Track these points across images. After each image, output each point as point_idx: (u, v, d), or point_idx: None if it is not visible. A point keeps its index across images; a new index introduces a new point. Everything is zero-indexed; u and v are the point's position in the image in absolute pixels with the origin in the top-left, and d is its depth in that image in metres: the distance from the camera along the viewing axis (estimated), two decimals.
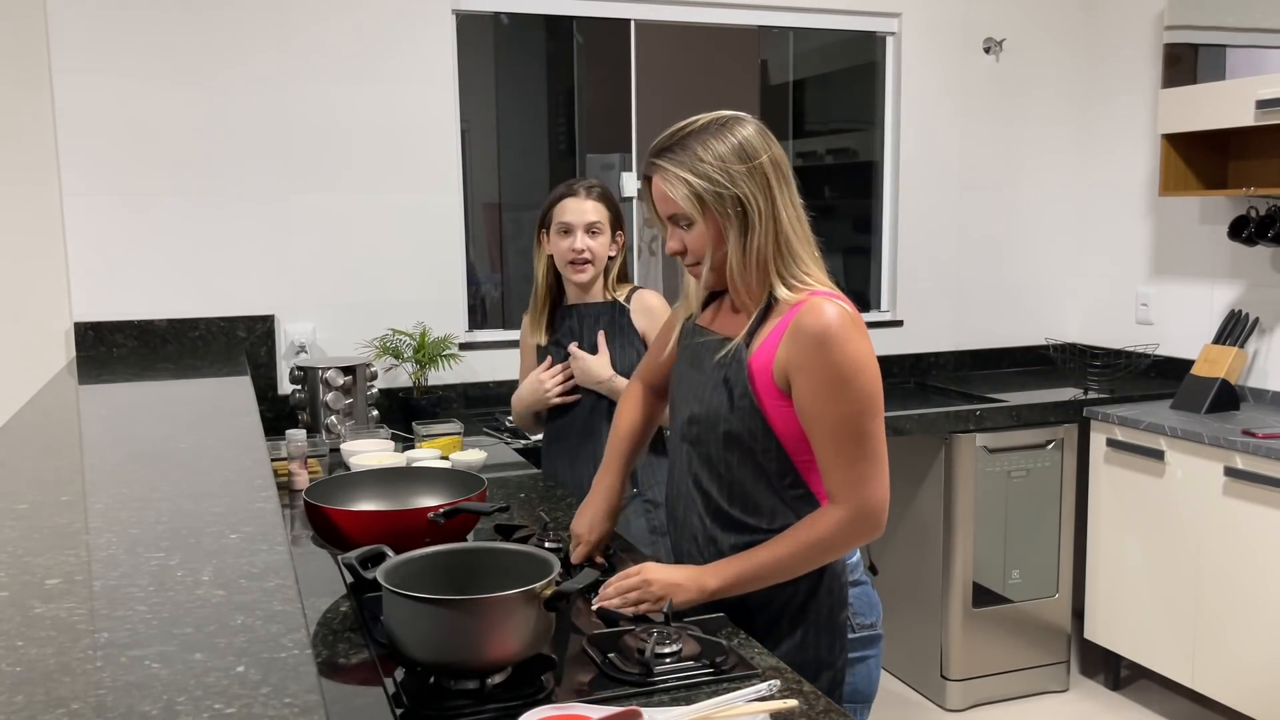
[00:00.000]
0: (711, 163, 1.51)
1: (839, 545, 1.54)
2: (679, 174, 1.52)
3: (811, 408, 1.51)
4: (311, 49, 3.14)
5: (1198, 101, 3.31)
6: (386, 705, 1.30)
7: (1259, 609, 2.94)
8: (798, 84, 4.28)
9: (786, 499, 1.58)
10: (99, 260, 3.01)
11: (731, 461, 1.59)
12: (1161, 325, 3.84)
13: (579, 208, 2.41)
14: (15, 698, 0.80)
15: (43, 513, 1.30)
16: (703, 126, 1.54)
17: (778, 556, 1.53)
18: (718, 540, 1.63)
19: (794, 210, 1.56)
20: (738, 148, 1.52)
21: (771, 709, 1.27)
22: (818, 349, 1.48)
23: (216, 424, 1.99)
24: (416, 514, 1.72)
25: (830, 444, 1.51)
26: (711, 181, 1.51)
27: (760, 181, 1.52)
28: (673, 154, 1.54)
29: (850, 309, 1.51)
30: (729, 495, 1.61)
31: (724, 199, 1.52)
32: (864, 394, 1.49)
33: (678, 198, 1.54)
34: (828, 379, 1.48)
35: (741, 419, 1.56)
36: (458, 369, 3.33)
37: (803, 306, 1.51)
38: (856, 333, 1.50)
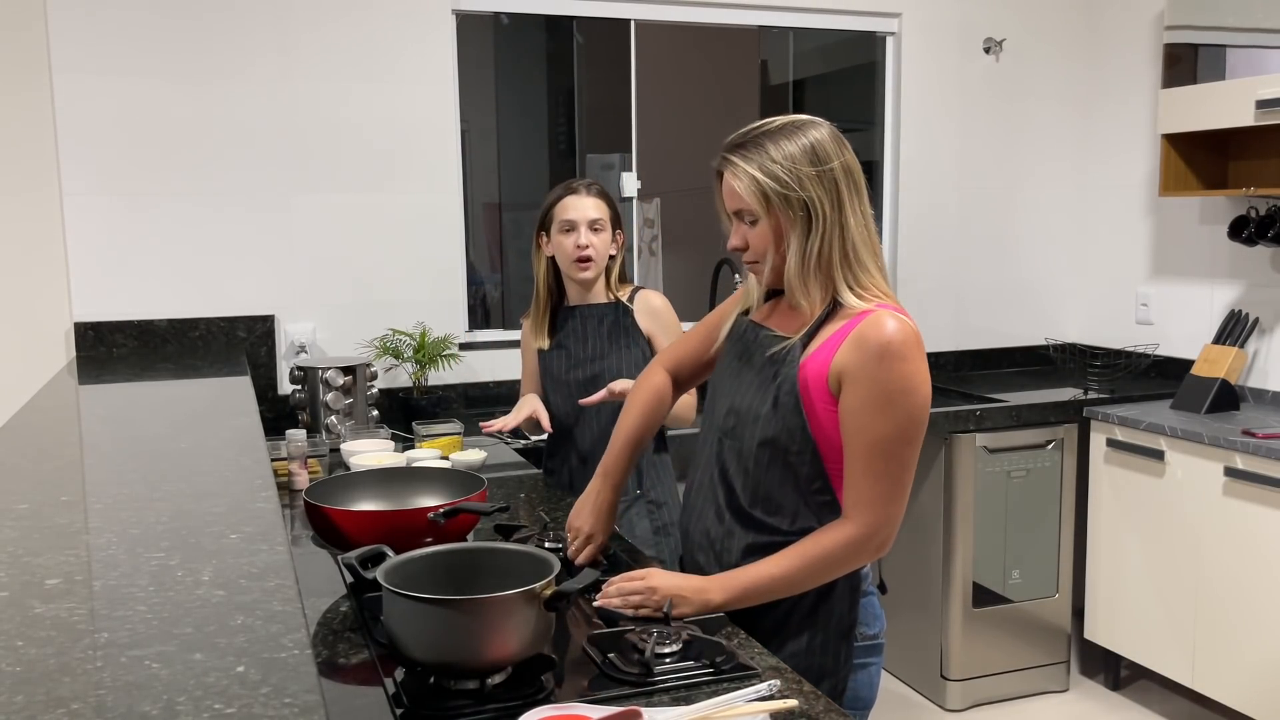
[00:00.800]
0: (781, 162, 1.52)
1: (845, 562, 1.54)
2: (749, 170, 1.53)
3: (855, 418, 1.50)
4: (311, 49, 3.14)
5: (1198, 101, 3.31)
6: (386, 705, 1.30)
7: (1259, 609, 2.94)
8: (798, 84, 4.28)
9: (811, 503, 1.57)
10: (99, 260, 3.01)
11: (763, 459, 1.58)
12: (1161, 325, 3.84)
13: (580, 204, 2.41)
14: (15, 698, 0.80)
15: (43, 513, 1.30)
16: (778, 127, 1.55)
17: (784, 572, 1.53)
18: (734, 535, 1.62)
19: (862, 219, 1.56)
20: (809, 150, 1.53)
21: (771, 709, 1.27)
22: (876, 361, 1.48)
23: (216, 424, 1.99)
24: (416, 514, 1.72)
25: (861, 457, 1.51)
26: (779, 181, 1.52)
27: (829, 186, 1.53)
28: (745, 150, 1.55)
29: (915, 328, 1.52)
30: (753, 493, 1.60)
31: (790, 200, 1.52)
32: (909, 416, 1.50)
33: (744, 193, 1.54)
34: (878, 393, 1.48)
35: (782, 417, 1.55)
36: (458, 369, 3.33)
37: (869, 316, 1.51)
38: (916, 352, 1.50)
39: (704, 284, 3.66)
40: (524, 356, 2.67)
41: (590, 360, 2.49)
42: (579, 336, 2.49)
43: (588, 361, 2.49)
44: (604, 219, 2.43)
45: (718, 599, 1.54)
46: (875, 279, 1.56)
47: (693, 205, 4.24)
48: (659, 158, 3.78)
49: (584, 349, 2.49)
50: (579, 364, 2.49)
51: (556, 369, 2.53)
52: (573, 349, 2.51)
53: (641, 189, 3.68)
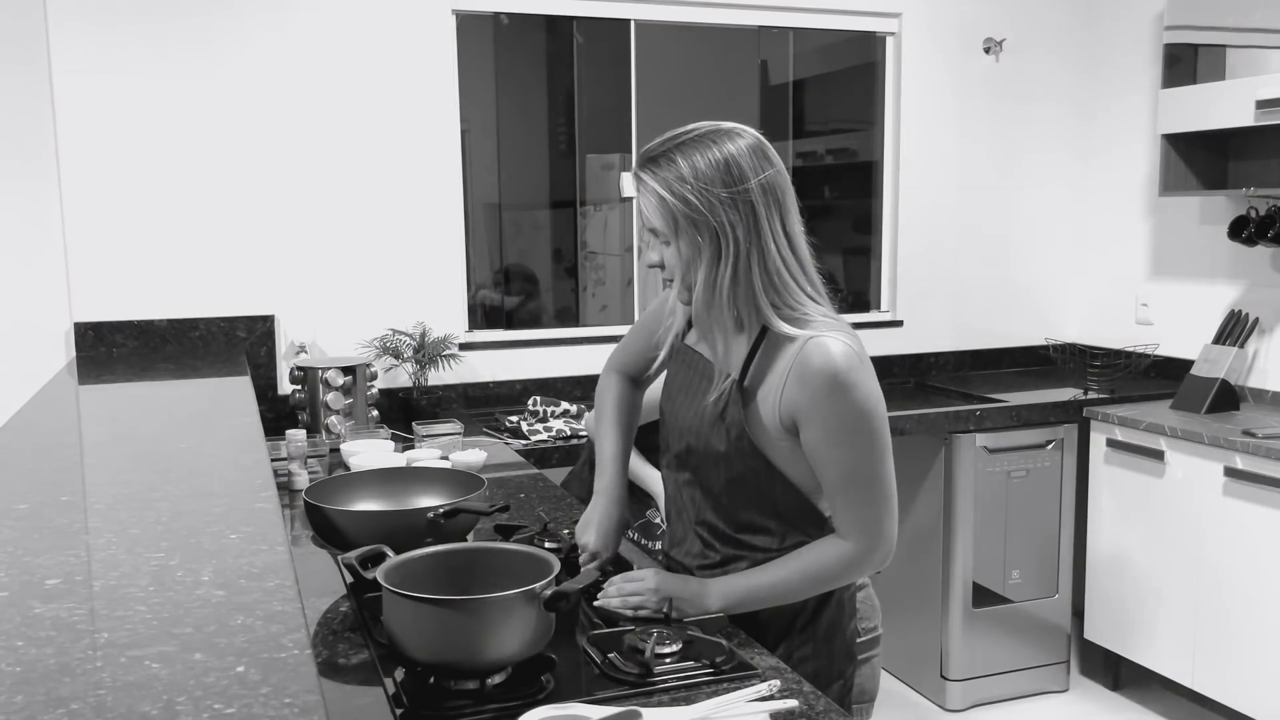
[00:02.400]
0: (691, 183, 1.41)
1: (844, 577, 1.54)
2: (657, 189, 1.44)
3: (820, 453, 1.47)
4: (311, 49, 3.14)
5: (1198, 101, 3.31)
6: (386, 705, 1.30)
7: (1259, 609, 2.94)
8: (798, 84, 4.28)
9: (796, 521, 1.56)
10: (99, 260, 3.01)
11: (735, 494, 1.56)
12: (1161, 325, 3.84)
13: None
14: (15, 698, 0.80)
15: (43, 513, 1.30)
16: (693, 139, 1.45)
17: (782, 581, 1.52)
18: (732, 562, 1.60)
19: (784, 239, 1.46)
20: (724, 168, 1.42)
21: (771, 709, 1.27)
22: (827, 394, 1.42)
23: (216, 424, 1.99)
24: (416, 514, 1.72)
25: (840, 487, 1.48)
26: (687, 204, 1.42)
27: (744, 209, 1.42)
28: (655, 166, 1.45)
29: (856, 346, 1.45)
30: (735, 524, 1.58)
31: (697, 224, 1.43)
32: (873, 438, 1.46)
33: (650, 214, 1.47)
34: (837, 425, 1.44)
35: (742, 458, 1.52)
36: (458, 369, 3.33)
37: (809, 346, 1.44)
38: (864, 374, 1.45)
39: None
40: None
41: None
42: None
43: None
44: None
45: (715, 604, 1.53)
46: (801, 300, 1.47)
47: None
48: None
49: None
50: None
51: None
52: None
53: None
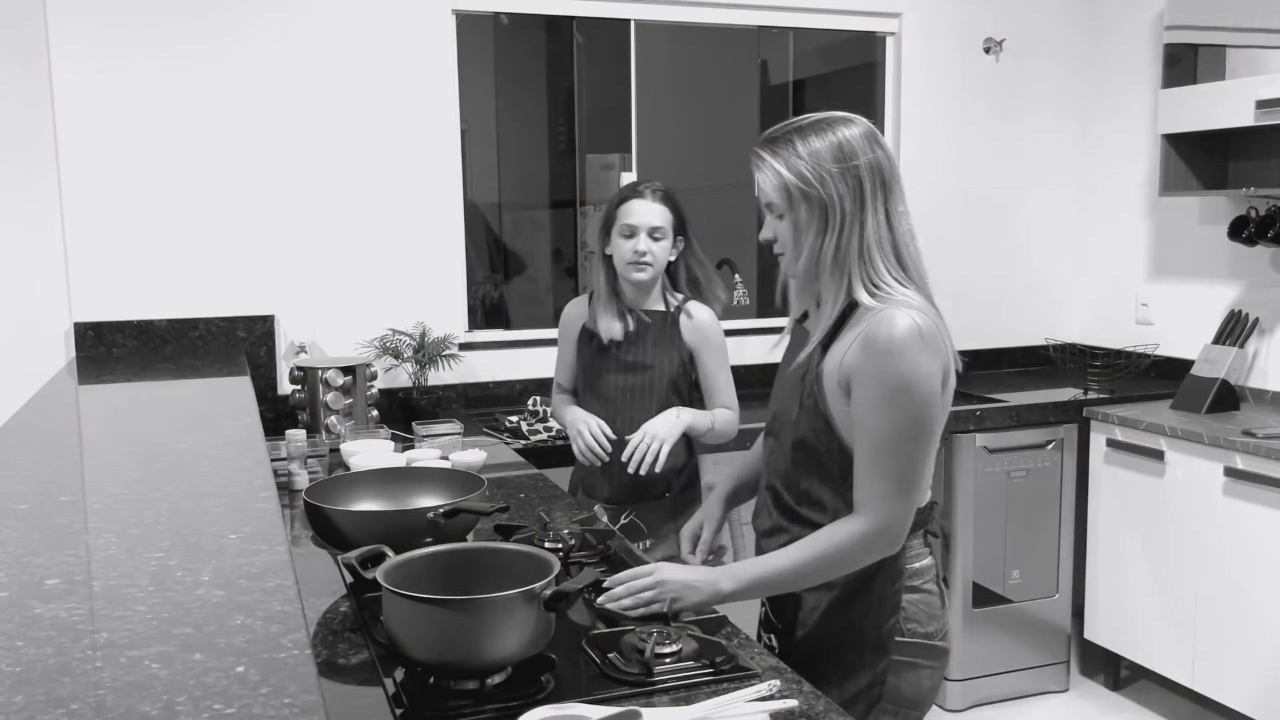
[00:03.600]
0: (806, 159, 1.53)
1: (856, 558, 1.55)
2: (774, 165, 1.56)
3: (860, 415, 1.52)
4: (311, 49, 3.14)
5: (1198, 101, 3.31)
6: (386, 705, 1.30)
7: (1259, 609, 2.94)
8: (798, 84, 4.28)
9: (847, 499, 1.58)
10: (99, 260, 3.01)
11: (799, 459, 1.63)
12: (1161, 325, 3.84)
13: (645, 210, 2.38)
14: (15, 698, 0.80)
15: (43, 513, 1.30)
16: (811, 124, 1.56)
17: (794, 564, 1.54)
18: (786, 531, 1.65)
19: (885, 217, 1.55)
20: (836, 147, 1.54)
21: (771, 709, 1.27)
22: (877, 358, 1.49)
23: (216, 424, 1.99)
24: (416, 514, 1.72)
25: (867, 455, 1.52)
26: (800, 177, 1.54)
27: (851, 184, 1.53)
28: (773, 146, 1.57)
29: (924, 324, 1.49)
30: (796, 493, 1.64)
31: (810, 197, 1.54)
32: (907, 414, 1.49)
33: (768, 188, 1.58)
34: (879, 390, 1.49)
35: (808, 419, 1.59)
36: (458, 369, 3.33)
37: (880, 315, 1.51)
38: (921, 348, 1.48)
39: None
40: (561, 347, 2.62)
41: (635, 368, 2.46)
42: (629, 337, 2.46)
43: (633, 368, 2.46)
44: (666, 226, 2.40)
45: (727, 587, 1.54)
46: (889, 278, 1.54)
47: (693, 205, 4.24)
48: (659, 158, 3.78)
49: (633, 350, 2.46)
50: (623, 369, 2.46)
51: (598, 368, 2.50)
52: (616, 352, 2.48)
53: None
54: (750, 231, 4.42)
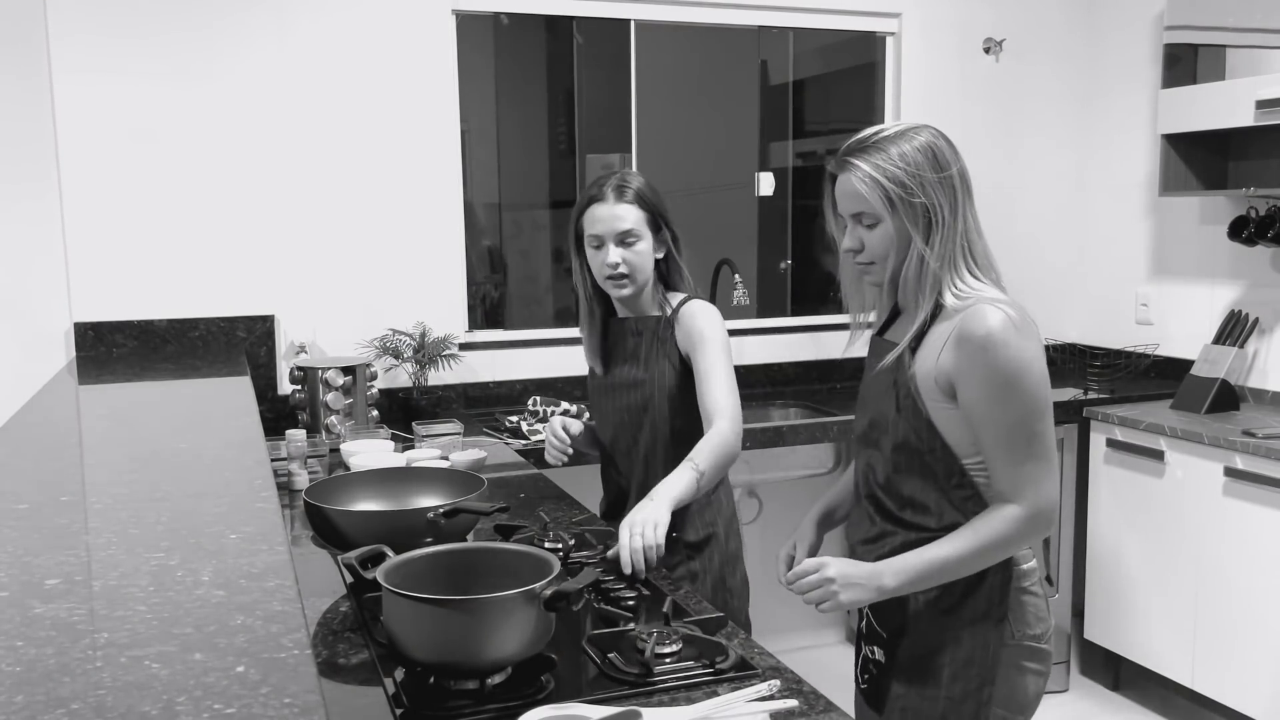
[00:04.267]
0: (904, 166, 1.56)
1: (1013, 543, 1.56)
2: (874, 173, 1.57)
3: (979, 413, 1.54)
4: (311, 49, 3.14)
5: (1198, 101, 3.31)
6: (386, 705, 1.30)
7: (1259, 609, 2.94)
8: (798, 84, 4.28)
9: (954, 499, 1.60)
10: (99, 260, 3.01)
11: (900, 463, 1.63)
12: (1161, 325, 3.84)
13: (608, 215, 2.05)
14: (15, 698, 0.80)
15: (43, 513, 1.30)
16: (897, 133, 1.59)
17: (956, 554, 1.55)
18: (892, 536, 1.65)
19: (973, 223, 1.62)
20: (931, 156, 1.57)
21: (771, 709, 1.27)
22: (981, 353, 1.51)
23: (216, 424, 1.99)
24: (416, 514, 1.72)
25: (1001, 446, 1.54)
26: (901, 185, 1.56)
27: (948, 191, 1.58)
28: (868, 153, 1.58)
29: (1016, 315, 1.54)
30: (899, 498, 1.64)
31: (913, 204, 1.56)
32: (1031, 395, 1.52)
33: (868, 194, 1.57)
34: (993, 383, 1.52)
35: (907, 420, 1.60)
36: (458, 369, 3.33)
37: (968, 312, 1.54)
38: (1019, 336, 1.52)
39: (704, 284, 3.66)
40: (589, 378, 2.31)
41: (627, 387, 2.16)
42: (620, 353, 2.18)
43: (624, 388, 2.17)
44: (637, 226, 2.05)
45: (891, 583, 1.56)
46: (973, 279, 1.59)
47: (693, 205, 4.24)
48: (659, 158, 3.78)
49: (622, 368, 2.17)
50: (615, 388, 2.18)
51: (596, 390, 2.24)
52: (613, 367, 2.20)
53: None
54: (750, 232, 4.42)
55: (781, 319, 3.89)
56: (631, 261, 2.06)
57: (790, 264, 4.13)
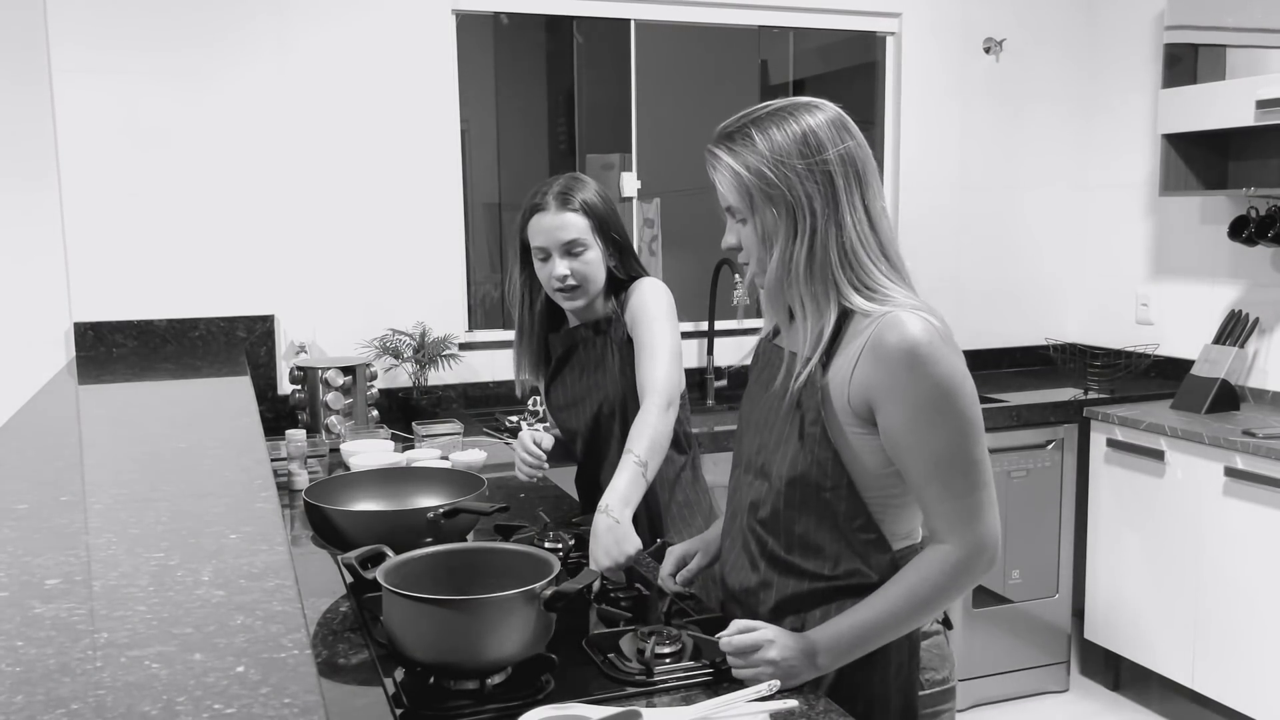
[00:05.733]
0: (766, 155, 1.35)
1: (953, 590, 1.36)
2: (731, 165, 1.38)
3: (905, 437, 1.33)
4: (311, 49, 3.14)
5: (1198, 101, 3.31)
6: (386, 705, 1.30)
7: (1259, 609, 2.94)
8: (798, 84, 4.28)
9: (854, 543, 1.40)
10: (99, 260, 3.01)
11: (794, 498, 1.41)
12: (1161, 325, 3.84)
13: (551, 225, 1.96)
14: (15, 698, 0.80)
15: (43, 513, 1.30)
16: (770, 113, 1.38)
17: (889, 611, 1.35)
18: (770, 586, 1.45)
19: (864, 215, 1.37)
20: (800, 140, 1.35)
21: (771, 709, 1.27)
22: (905, 370, 1.30)
23: (216, 424, 1.99)
24: (416, 514, 1.72)
25: (932, 477, 1.33)
26: (761, 178, 1.35)
27: (821, 181, 1.34)
28: (730, 142, 1.39)
29: (937, 323, 1.34)
30: (787, 537, 1.43)
31: (773, 199, 1.36)
32: (964, 417, 1.32)
33: (726, 190, 1.40)
34: (920, 404, 1.31)
35: (810, 450, 1.38)
36: (458, 369, 3.33)
37: (884, 320, 1.33)
38: (947, 350, 1.32)
39: (704, 284, 3.66)
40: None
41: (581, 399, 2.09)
42: (575, 364, 2.10)
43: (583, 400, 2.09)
44: (583, 235, 1.97)
45: (825, 662, 1.36)
46: (880, 280, 1.37)
47: (693, 205, 4.24)
48: (659, 158, 3.78)
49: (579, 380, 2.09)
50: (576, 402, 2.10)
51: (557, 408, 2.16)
52: (569, 381, 2.12)
53: (641, 189, 3.68)
54: None
55: None
56: (580, 272, 1.98)
57: None
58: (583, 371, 2.09)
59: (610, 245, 2.02)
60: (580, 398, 2.11)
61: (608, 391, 2.06)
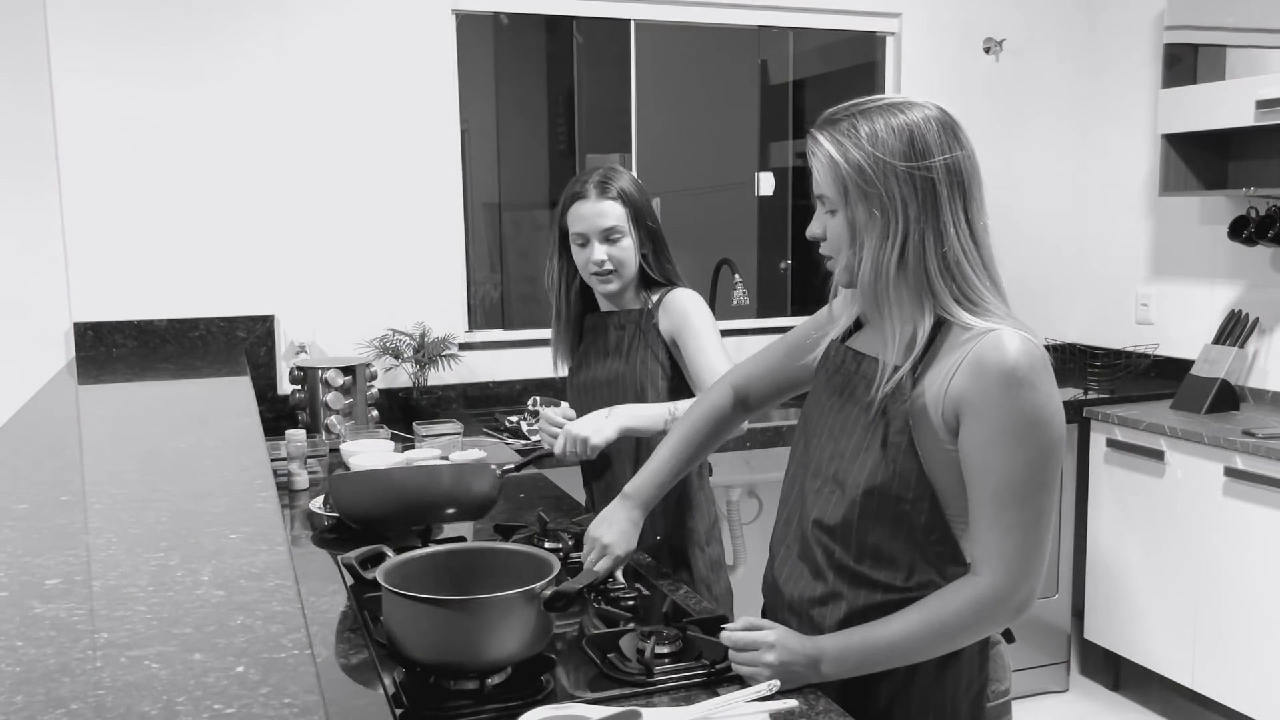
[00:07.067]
0: (870, 151, 1.29)
1: (977, 628, 1.32)
2: (830, 152, 1.32)
3: (979, 458, 1.28)
4: (311, 49, 3.14)
5: (1198, 101, 3.31)
6: (386, 705, 1.30)
7: (1259, 609, 2.94)
8: (798, 84, 4.28)
9: (929, 554, 1.35)
10: (99, 260, 3.01)
11: (869, 508, 1.35)
12: (1161, 325, 3.84)
13: (591, 212, 2.05)
14: (15, 698, 0.79)
15: (43, 513, 1.30)
16: (879, 106, 1.32)
17: (904, 635, 1.32)
18: (839, 597, 1.39)
19: (966, 228, 1.33)
20: (906, 139, 1.29)
21: (771, 709, 1.27)
22: (1000, 388, 1.25)
23: (216, 424, 1.99)
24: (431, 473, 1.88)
25: (990, 504, 1.28)
26: (860, 172, 1.29)
27: (922, 186, 1.29)
28: (834, 129, 1.33)
29: (1038, 349, 1.29)
30: (859, 546, 1.37)
31: (868, 195, 1.30)
32: (1042, 453, 1.27)
33: (822, 178, 1.34)
34: (1004, 426, 1.26)
35: (893, 460, 1.33)
36: (458, 369, 3.33)
37: (988, 337, 1.28)
38: (1046, 378, 1.28)
39: (704, 284, 3.66)
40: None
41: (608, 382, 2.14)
42: (600, 348, 2.17)
43: (605, 384, 2.15)
44: (620, 223, 2.05)
45: (829, 670, 1.35)
46: (983, 294, 1.33)
47: (693, 205, 4.24)
48: (659, 158, 3.78)
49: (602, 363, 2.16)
50: (596, 385, 2.17)
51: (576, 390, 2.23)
52: (592, 362, 2.19)
53: None
54: (750, 231, 4.42)
55: (781, 319, 3.89)
56: (616, 257, 2.07)
57: (790, 264, 4.13)
58: (606, 357, 2.16)
59: (644, 234, 2.11)
60: (600, 382, 2.17)
61: (626, 381, 2.12)
